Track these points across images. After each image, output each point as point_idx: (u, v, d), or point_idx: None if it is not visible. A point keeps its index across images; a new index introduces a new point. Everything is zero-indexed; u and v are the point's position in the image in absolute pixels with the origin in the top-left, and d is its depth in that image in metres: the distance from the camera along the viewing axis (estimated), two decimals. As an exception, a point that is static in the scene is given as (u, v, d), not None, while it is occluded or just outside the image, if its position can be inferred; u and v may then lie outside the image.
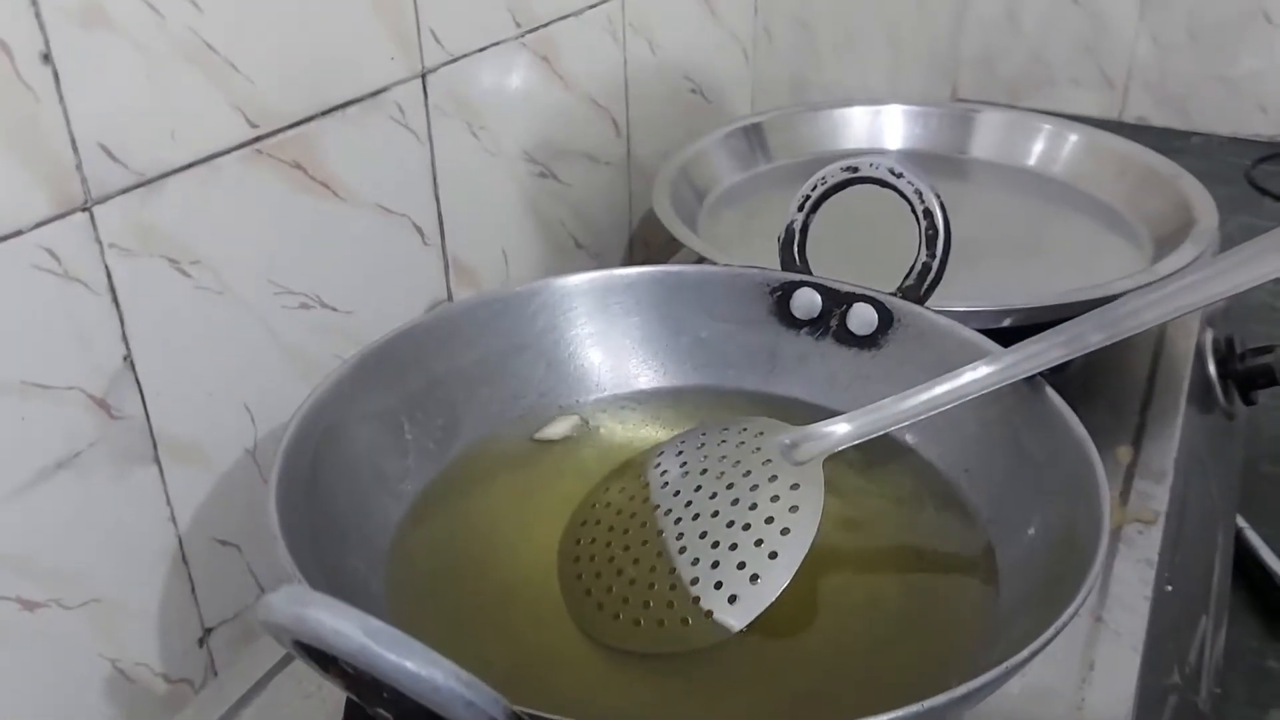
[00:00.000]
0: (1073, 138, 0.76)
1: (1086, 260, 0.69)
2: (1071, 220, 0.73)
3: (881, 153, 0.81)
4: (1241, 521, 0.96)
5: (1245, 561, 0.94)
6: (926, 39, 1.41)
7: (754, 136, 0.81)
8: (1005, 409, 0.43)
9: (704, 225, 0.72)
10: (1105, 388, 0.60)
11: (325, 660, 0.29)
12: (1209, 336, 0.66)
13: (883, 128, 0.81)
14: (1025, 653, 0.30)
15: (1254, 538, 0.95)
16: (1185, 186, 0.70)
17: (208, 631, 0.54)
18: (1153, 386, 0.60)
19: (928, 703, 0.29)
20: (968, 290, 0.53)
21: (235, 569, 0.54)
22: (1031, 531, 0.40)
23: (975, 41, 1.50)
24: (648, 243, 0.85)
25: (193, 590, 0.52)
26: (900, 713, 0.29)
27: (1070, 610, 0.32)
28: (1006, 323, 0.55)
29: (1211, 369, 0.65)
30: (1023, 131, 0.78)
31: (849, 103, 0.83)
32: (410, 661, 0.24)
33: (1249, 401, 0.68)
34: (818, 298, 0.50)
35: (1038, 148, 0.77)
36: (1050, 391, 0.42)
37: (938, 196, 0.48)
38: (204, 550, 0.52)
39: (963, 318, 0.49)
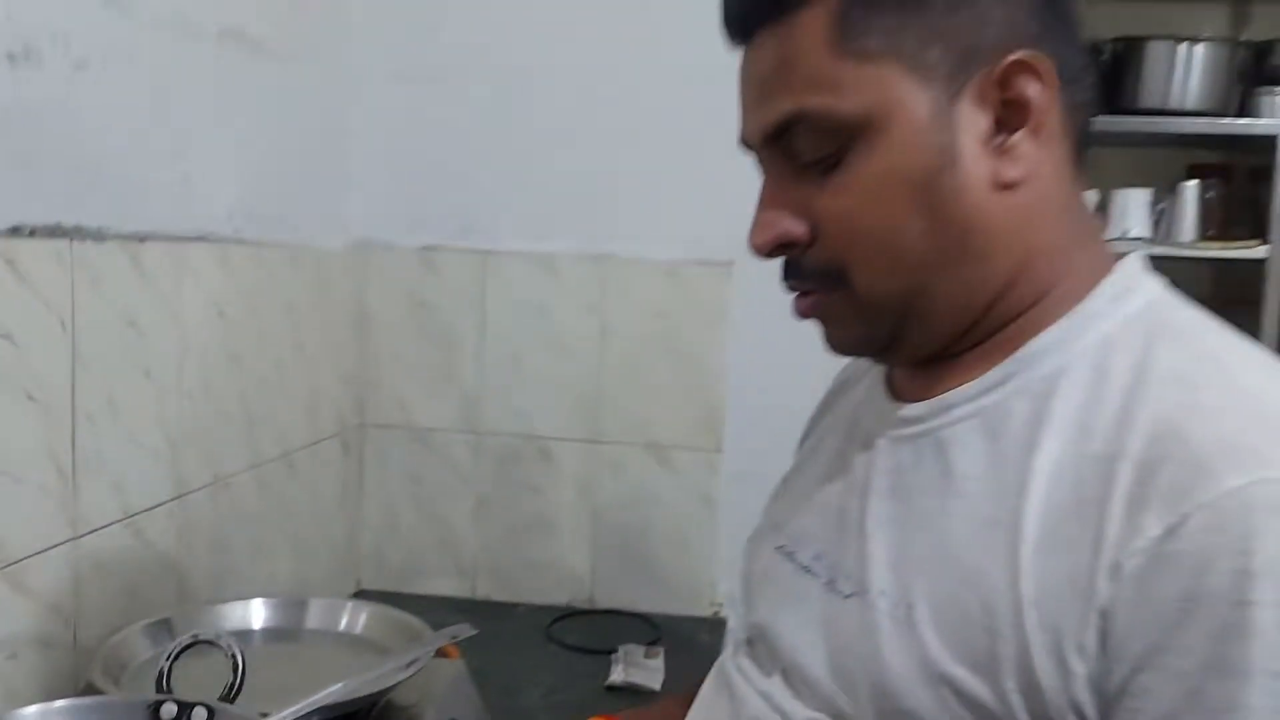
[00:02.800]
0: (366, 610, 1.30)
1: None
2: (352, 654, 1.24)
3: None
4: None
5: None
6: (326, 543, 1.94)
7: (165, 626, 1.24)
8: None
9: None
10: None
11: None
12: None
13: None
14: None
15: None
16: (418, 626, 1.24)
17: None
18: None
19: None
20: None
21: None
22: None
23: (367, 542, 2.05)
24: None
25: None
26: None
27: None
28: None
29: None
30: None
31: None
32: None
33: None
34: (174, 707, 0.93)
35: (344, 619, 1.29)
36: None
37: (240, 650, 0.96)
38: None
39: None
